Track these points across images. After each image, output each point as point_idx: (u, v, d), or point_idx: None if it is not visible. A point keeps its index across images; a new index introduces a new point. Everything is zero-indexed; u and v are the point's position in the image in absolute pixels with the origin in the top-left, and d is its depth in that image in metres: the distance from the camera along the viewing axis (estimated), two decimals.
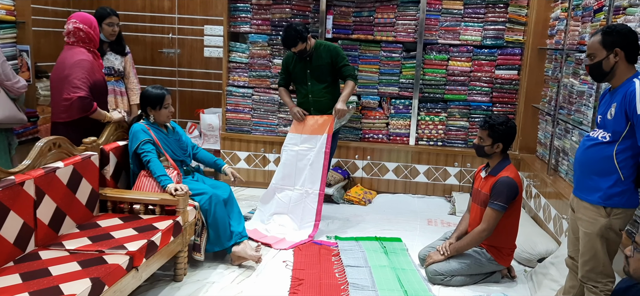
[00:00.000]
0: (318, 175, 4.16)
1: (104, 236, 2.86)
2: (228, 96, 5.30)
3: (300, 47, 4.10)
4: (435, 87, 5.10)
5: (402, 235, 4.13)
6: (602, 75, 2.48)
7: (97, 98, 3.48)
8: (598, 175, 2.45)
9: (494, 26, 4.95)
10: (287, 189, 4.27)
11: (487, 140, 3.24)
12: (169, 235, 3.04)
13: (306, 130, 4.26)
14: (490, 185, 3.22)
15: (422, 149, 5.14)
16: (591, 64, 2.48)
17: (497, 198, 3.15)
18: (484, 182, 3.32)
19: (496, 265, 3.32)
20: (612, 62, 2.41)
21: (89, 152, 3.19)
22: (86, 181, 3.09)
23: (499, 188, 3.15)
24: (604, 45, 2.42)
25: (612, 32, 2.41)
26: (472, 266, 3.28)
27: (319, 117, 4.26)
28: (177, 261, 3.26)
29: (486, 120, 3.25)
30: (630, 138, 2.37)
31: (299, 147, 4.27)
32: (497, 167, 3.27)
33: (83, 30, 3.45)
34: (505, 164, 3.27)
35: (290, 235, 4.02)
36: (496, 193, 3.16)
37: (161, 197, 3.23)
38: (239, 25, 5.21)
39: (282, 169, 4.31)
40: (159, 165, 3.34)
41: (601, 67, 2.45)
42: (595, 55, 2.45)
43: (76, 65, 3.37)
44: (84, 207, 3.09)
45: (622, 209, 2.42)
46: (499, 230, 3.24)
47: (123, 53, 4.33)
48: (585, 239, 2.50)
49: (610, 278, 2.48)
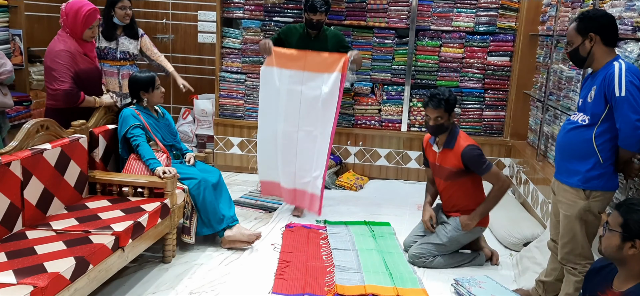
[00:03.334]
0: (331, 115, 3.86)
1: (91, 217, 2.89)
2: (221, 82, 5.32)
3: (319, 17, 3.99)
4: (428, 74, 5.11)
5: (391, 219, 4.16)
6: (581, 61, 2.52)
7: (85, 87, 3.45)
8: (577, 158, 2.48)
9: (487, 12, 4.95)
10: (291, 131, 4.02)
11: (444, 116, 3.25)
12: (157, 217, 3.08)
13: (311, 67, 3.91)
14: (457, 159, 3.25)
15: (414, 135, 5.16)
16: (570, 50, 2.54)
17: (480, 165, 3.22)
18: (441, 156, 3.35)
19: (472, 232, 3.35)
20: (588, 47, 2.45)
21: (78, 135, 3.22)
22: (74, 163, 3.12)
23: (473, 159, 3.21)
24: (578, 31, 2.47)
25: (585, 18, 2.46)
26: (448, 243, 3.33)
27: (326, 53, 3.92)
28: (165, 243, 3.30)
29: (436, 97, 3.23)
30: (609, 121, 2.39)
31: (304, 86, 3.94)
32: (450, 138, 3.30)
33: (65, 13, 3.42)
34: (457, 132, 3.32)
35: (306, 183, 3.98)
36: (476, 164, 3.22)
37: (149, 179, 3.26)
38: (232, 11, 5.21)
39: (284, 109, 4.00)
40: (147, 148, 3.37)
41: (578, 53, 2.49)
42: (572, 42, 2.51)
43: (56, 57, 3.34)
44: (73, 189, 3.12)
45: (600, 192, 2.45)
46: (466, 191, 3.32)
47: (136, 37, 4.32)
48: (565, 221, 2.53)
49: (589, 260, 2.51)
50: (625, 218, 1.90)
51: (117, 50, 4.22)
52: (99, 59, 4.20)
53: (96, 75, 3.68)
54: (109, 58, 4.22)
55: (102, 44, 4.19)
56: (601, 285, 2.03)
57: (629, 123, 2.28)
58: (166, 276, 3.16)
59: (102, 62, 4.20)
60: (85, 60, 3.51)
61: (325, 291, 2.99)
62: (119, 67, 4.26)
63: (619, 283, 1.97)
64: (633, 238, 1.87)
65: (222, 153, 5.37)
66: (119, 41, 4.22)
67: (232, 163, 5.36)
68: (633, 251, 1.88)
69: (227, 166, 5.29)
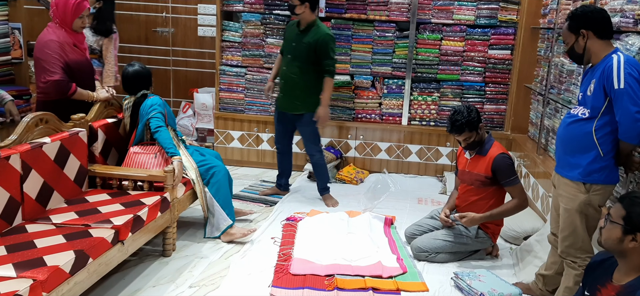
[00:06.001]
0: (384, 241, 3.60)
1: (91, 211, 2.89)
2: (221, 75, 5.31)
3: (295, 1, 3.94)
4: (428, 67, 5.09)
5: (392, 213, 4.15)
6: (579, 58, 2.54)
7: (77, 79, 3.37)
8: (578, 151, 2.47)
9: (488, 5, 4.93)
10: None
11: (472, 135, 3.23)
12: (156, 211, 3.08)
13: None
14: (486, 166, 3.22)
15: (415, 129, 5.14)
16: (566, 50, 2.58)
17: (507, 176, 3.18)
18: (472, 162, 3.32)
19: (481, 242, 3.35)
20: (582, 44, 2.47)
21: (77, 129, 3.21)
22: (74, 157, 3.11)
23: (502, 168, 3.17)
24: (570, 30, 2.51)
25: (574, 16, 2.48)
26: (456, 244, 3.30)
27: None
28: (166, 237, 3.30)
29: (456, 125, 3.18)
30: (609, 114, 2.38)
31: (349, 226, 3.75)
32: (483, 146, 3.28)
33: (54, 4, 3.35)
34: (491, 141, 3.28)
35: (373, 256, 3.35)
36: (504, 173, 3.18)
37: (149, 173, 3.26)
38: (232, 4, 5.19)
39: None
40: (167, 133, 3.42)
41: (575, 51, 2.52)
42: (567, 41, 2.56)
43: (45, 48, 3.26)
44: (73, 183, 3.12)
45: (601, 185, 2.44)
46: (488, 202, 3.28)
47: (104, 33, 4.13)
48: (565, 215, 2.53)
49: (589, 253, 2.51)
50: (627, 210, 1.89)
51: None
52: None
53: (87, 67, 3.54)
54: None
55: None
56: (601, 278, 2.03)
57: (629, 115, 2.27)
58: (166, 270, 3.16)
59: None
60: (76, 51, 3.42)
61: (326, 284, 2.99)
62: None
63: (619, 276, 1.96)
64: (634, 231, 1.87)
65: (222, 147, 5.36)
66: None
67: (232, 157, 5.36)
68: (634, 244, 1.88)
69: (227, 160, 5.26)
